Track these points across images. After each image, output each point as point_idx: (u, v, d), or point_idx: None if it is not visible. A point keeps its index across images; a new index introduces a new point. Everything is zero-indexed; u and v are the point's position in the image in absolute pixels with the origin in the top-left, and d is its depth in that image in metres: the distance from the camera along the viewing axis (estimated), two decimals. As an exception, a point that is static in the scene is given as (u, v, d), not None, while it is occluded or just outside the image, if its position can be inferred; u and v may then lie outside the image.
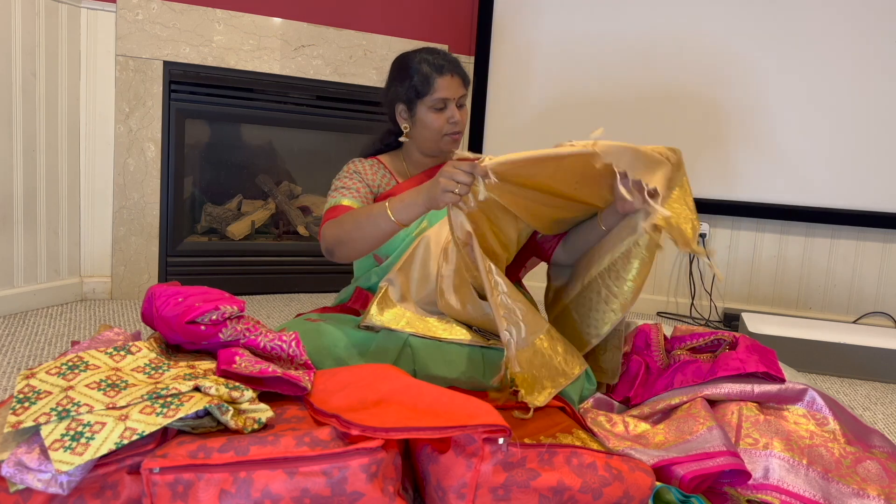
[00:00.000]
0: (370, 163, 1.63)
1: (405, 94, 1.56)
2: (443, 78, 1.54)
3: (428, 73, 1.54)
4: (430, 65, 1.55)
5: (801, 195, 2.55)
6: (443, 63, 1.55)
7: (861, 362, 2.04)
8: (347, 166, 1.62)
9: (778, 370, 1.37)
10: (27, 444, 0.90)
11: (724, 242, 2.69)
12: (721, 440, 1.13)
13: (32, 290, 2.16)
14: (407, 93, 1.56)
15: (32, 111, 2.09)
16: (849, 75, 2.46)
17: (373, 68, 2.61)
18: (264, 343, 1.20)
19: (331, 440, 0.94)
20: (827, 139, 2.51)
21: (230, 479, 0.89)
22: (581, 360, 1.39)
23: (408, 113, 1.59)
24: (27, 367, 1.67)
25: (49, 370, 1.03)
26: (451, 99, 1.54)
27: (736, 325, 2.43)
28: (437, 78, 1.53)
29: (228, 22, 2.37)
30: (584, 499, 0.97)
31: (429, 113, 1.56)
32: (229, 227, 2.61)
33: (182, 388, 1.00)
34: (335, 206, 1.51)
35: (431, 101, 1.54)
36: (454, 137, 1.59)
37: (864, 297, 2.58)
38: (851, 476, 1.13)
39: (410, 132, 1.61)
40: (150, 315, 1.24)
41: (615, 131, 2.80)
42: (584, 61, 2.67)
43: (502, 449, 0.95)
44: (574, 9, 2.65)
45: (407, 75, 1.56)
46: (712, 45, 2.56)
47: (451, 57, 1.59)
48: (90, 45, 2.23)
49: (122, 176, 2.31)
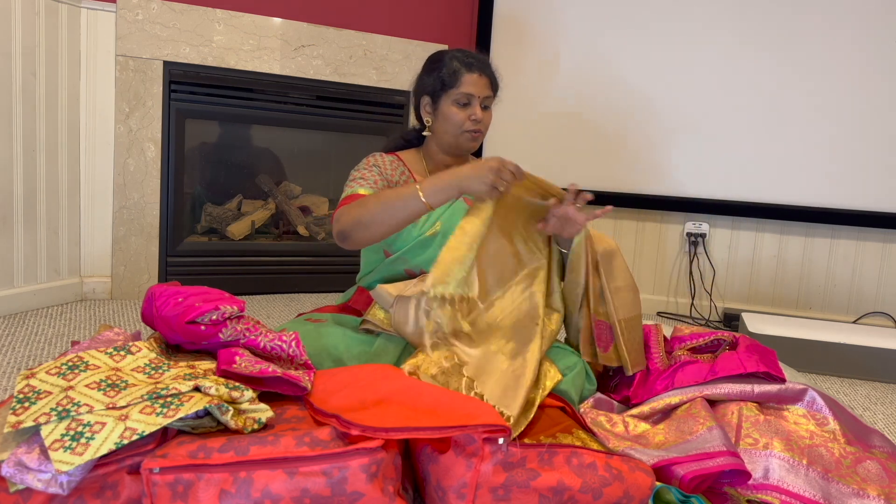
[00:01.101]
0: (390, 158, 1.63)
1: (431, 85, 1.58)
2: (471, 74, 1.55)
3: (457, 68, 1.56)
4: (461, 61, 1.57)
5: (801, 195, 2.55)
6: (472, 61, 1.57)
7: (861, 362, 2.04)
8: (367, 159, 1.62)
9: (778, 370, 1.37)
10: (27, 444, 0.90)
11: (724, 242, 2.69)
12: (721, 440, 1.13)
13: (32, 290, 2.16)
14: (433, 84, 1.57)
15: (32, 111, 2.09)
16: (849, 75, 2.46)
17: (373, 68, 2.61)
18: (264, 343, 1.20)
19: (331, 440, 0.94)
20: (827, 139, 2.51)
21: (230, 479, 0.89)
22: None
23: (432, 106, 1.60)
24: (27, 367, 1.67)
25: (49, 370, 1.03)
26: (476, 96, 1.56)
27: (736, 326, 2.43)
28: (465, 73, 1.55)
29: (228, 22, 2.37)
30: (584, 499, 0.97)
31: (452, 107, 1.57)
32: (229, 227, 2.61)
33: (182, 388, 1.00)
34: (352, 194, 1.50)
35: (456, 95, 1.55)
36: (474, 135, 1.59)
37: (864, 297, 2.58)
38: (851, 476, 1.13)
39: (432, 126, 1.61)
40: (150, 315, 1.24)
41: (616, 131, 2.82)
42: (585, 61, 2.67)
43: (502, 449, 0.95)
44: (575, 9, 2.65)
45: (436, 68, 1.58)
46: (713, 45, 2.56)
47: (485, 59, 1.61)
48: (90, 45, 2.23)
49: (122, 176, 2.31)
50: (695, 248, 2.68)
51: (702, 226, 2.66)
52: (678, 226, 2.71)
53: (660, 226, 2.73)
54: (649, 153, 2.66)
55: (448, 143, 1.61)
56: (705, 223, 2.66)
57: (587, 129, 2.71)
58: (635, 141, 2.67)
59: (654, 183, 2.67)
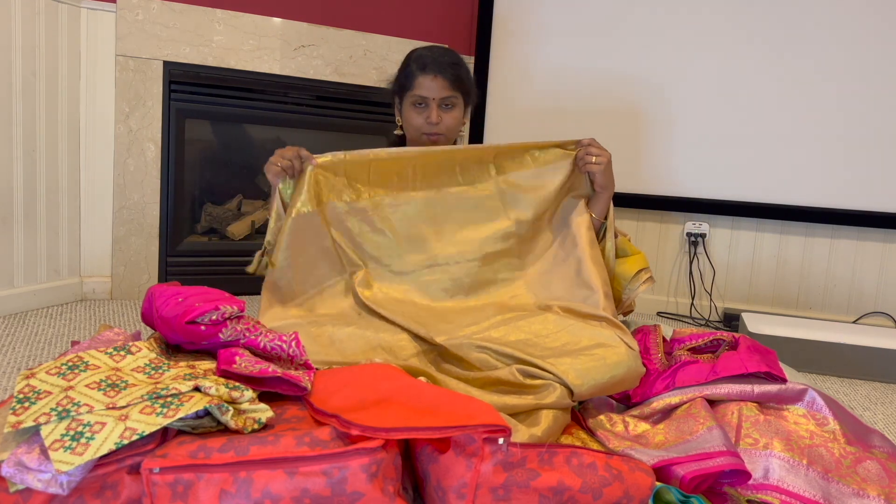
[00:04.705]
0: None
1: (397, 86, 1.61)
2: (424, 76, 1.53)
3: (413, 69, 1.55)
4: (417, 61, 1.56)
5: (800, 195, 2.55)
6: (427, 61, 1.54)
7: (861, 362, 2.04)
8: None
9: (779, 371, 1.37)
10: (27, 444, 0.90)
11: (724, 242, 2.69)
12: (721, 440, 1.13)
13: (32, 290, 2.16)
14: (396, 85, 1.60)
15: (32, 111, 2.09)
16: (849, 76, 2.46)
17: (373, 68, 2.61)
18: (264, 343, 1.20)
19: (331, 440, 0.94)
20: (827, 139, 2.50)
21: (230, 479, 0.89)
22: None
23: (399, 106, 1.61)
24: (27, 367, 1.67)
25: (49, 370, 1.03)
26: (430, 98, 1.54)
27: (736, 326, 2.43)
28: (420, 75, 1.54)
29: (228, 22, 2.37)
30: (584, 499, 0.97)
31: (410, 109, 1.58)
32: (229, 227, 2.61)
33: (182, 388, 1.00)
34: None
35: (412, 98, 1.56)
36: (432, 138, 1.58)
37: (864, 297, 2.58)
38: (851, 476, 1.13)
39: (402, 126, 1.64)
40: (150, 315, 1.24)
41: (616, 130, 2.82)
42: (586, 60, 2.67)
43: (502, 449, 0.95)
44: (575, 9, 2.65)
45: (401, 68, 1.60)
46: (714, 45, 2.56)
47: (444, 58, 1.57)
48: (90, 45, 2.23)
49: (122, 176, 2.31)
50: (695, 248, 2.68)
51: (702, 226, 2.66)
52: (678, 226, 2.71)
53: (660, 226, 2.73)
54: (649, 153, 2.66)
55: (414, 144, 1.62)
56: (705, 223, 2.66)
57: (588, 129, 2.70)
58: (635, 141, 2.66)
59: (654, 183, 2.66)
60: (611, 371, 1.26)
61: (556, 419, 1.18)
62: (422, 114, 1.56)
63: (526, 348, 1.30)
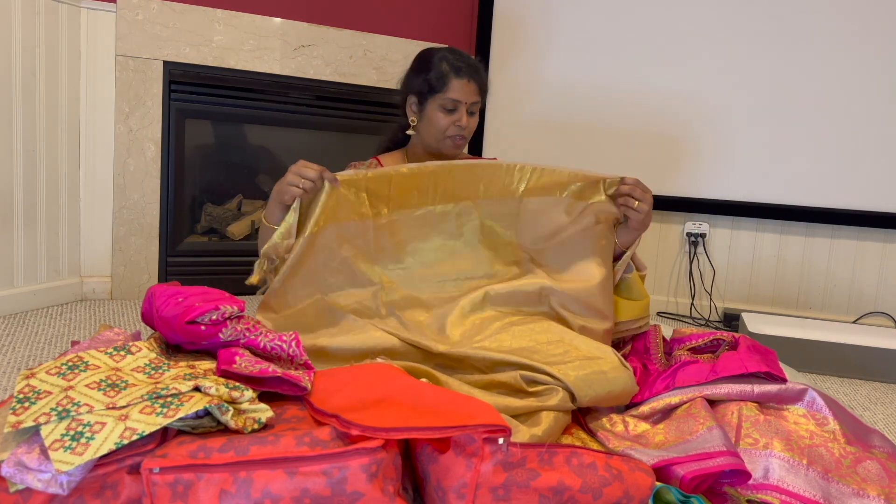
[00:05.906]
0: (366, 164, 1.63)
1: (419, 86, 1.56)
2: (459, 80, 1.53)
3: (445, 72, 1.53)
4: (450, 64, 1.54)
5: (801, 195, 2.55)
6: (462, 65, 1.54)
7: (861, 362, 2.04)
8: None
9: (779, 371, 1.37)
10: (27, 444, 0.90)
11: (723, 242, 2.69)
12: (721, 440, 1.13)
13: (32, 290, 2.16)
14: (421, 85, 1.56)
15: (32, 111, 2.09)
16: (849, 76, 2.46)
17: (373, 68, 2.61)
18: (264, 343, 1.20)
19: (331, 440, 0.94)
20: (827, 139, 2.51)
21: (230, 479, 0.89)
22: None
23: (418, 106, 1.59)
24: (27, 367, 1.67)
25: (49, 370, 1.03)
26: (462, 102, 1.54)
27: (736, 326, 2.43)
28: (454, 78, 1.53)
29: (228, 22, 2.37)
30: (584, 499, 0.97)
31: (437, 111, 1.55)
32: (229, 227, 2.61)
33: (182, 388, 1.00)
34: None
35: (442, 100, 1.54)
36: (457, 142, 1.58)
37: (864, 297, 2.58)
38: (851, 476, 1.13)
39: (417, 126, 1.60)
40: (150, 315, 1.24)
41: (616, 131, 2.82)
42: (587, 63, 2.67)
43: (502, 449, 0.95)
44: (576, 10, 2.65)
45: (425, 69, 1.56)
46: (714, 46, 2.56)
47: (474, 62, 1.58)
48: (90, 44, 2.23)
49: (122, 176, 2.31)
50: (695, 248, 2.68)
51: (702, 226, 2.66)
52: (678, 226, 2.71)
53: (660, 226, 2.73)
54: (649, 153, 2.66)
55: (431, 146, 1.60)
56: (705, 223, 2.66)
57: (587, 129, 2.71)
58: (635, 141, 2.67)
59: (654, 183, 2.64)
60: (609, 385, 1.28)
61: (556, 419, 1.18)
62: (450, 117, 1.55)
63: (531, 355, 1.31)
